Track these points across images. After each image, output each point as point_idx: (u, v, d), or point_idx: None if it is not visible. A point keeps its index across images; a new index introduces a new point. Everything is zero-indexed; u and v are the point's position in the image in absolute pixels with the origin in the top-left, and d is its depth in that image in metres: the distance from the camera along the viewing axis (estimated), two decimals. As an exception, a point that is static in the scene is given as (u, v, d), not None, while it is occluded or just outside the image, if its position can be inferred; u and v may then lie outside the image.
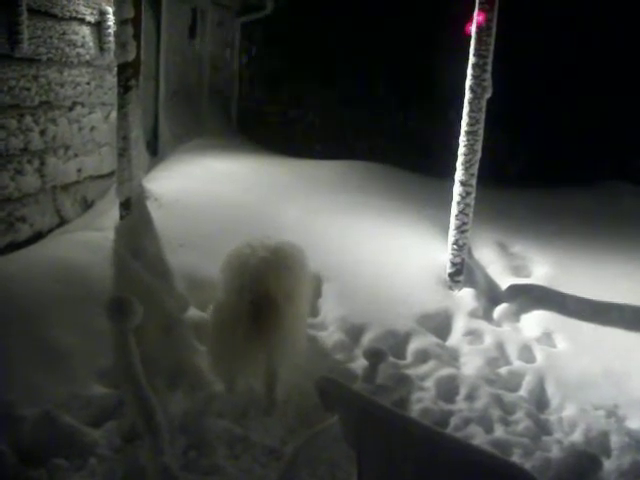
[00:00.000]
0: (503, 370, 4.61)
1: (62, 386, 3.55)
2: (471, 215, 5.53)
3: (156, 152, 7.86)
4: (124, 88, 5.00)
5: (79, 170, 5.76)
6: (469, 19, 5.25)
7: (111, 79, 6.05)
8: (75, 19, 5.49)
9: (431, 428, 2.45)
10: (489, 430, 3.91)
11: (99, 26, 5.87)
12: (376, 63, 11.20)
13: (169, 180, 6.61)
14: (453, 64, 6.47)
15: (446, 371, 4.43)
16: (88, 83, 5.82)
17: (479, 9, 5.17)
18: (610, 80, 10.24)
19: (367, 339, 4.70)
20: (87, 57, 5.75)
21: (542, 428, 4.03)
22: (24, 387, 3.44)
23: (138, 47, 5.03)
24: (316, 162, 8.35)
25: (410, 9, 10.45)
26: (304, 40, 11.27)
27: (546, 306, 5.48)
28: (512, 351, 4.88)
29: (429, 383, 4.30)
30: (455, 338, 4.98)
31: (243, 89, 11.32)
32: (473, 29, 5.22)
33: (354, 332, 4.75)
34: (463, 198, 5.47)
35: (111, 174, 6.15)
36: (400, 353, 4.67)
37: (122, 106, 5.02)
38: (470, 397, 4.22)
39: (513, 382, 4.50)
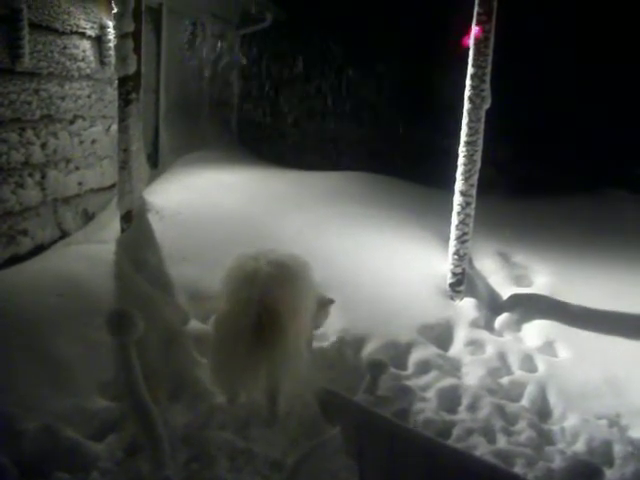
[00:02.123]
0: (505, 380, 4.60)
1: (63, 399, 3.55)
2: (471, 225, 5.53)
3: (157, 164, 7.89)
4: (125, 101, 5.03)
5: (80, 183, 5.77)
6: (467, 31, 5.28)
7: (112, 92, 6.08)
8: (76, 33, 5.52)
9: (433, 439, 2.45)
10: (492, 440, 3.89)
11: (99, 40, 5.90)
12: (376, 75, 11.25)
13: (170, 192, 6.63)
14: (452, 75, 6.50)
15: (448, 381, 4.42)
16: (89, 96, 5.85)
17: (477, 21, 5.19)
18: (610, 88, 10.27)
19: (368, 350, 4.70)
20: (88, 71, 5.78)
21: (545, 438, 4.01)
22: (25, 400, 3.44)
23: (138, 60, 5.07)
24: (316, 173, 8.37)
25: (409, 20, 10.50)
26: (303, 52, 11.34)
27: (547, 315, 5.48)
28: (514, 361, 4.87)
29: (431, 394, 4.29)
30: (457, 348, 4.98)
31: (243, 101, 11.36)
32: (471, 41, 5.24)
33: (355, 343, 4.75)
34: (463, 208, 5.47)
35: (112, 187, 6.16)
36: (401, 364, 4.66)
37: (123, 119, 5.05)
38: (472, 407, 4.20)
39: (515, 392, 4.49)
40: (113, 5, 5.01)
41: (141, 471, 3.22)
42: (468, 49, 5.30)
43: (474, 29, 5.21)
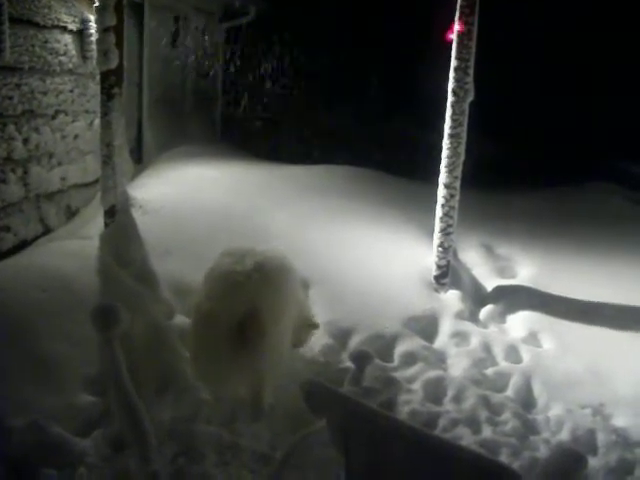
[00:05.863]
0: (490, 371, 4.64)
1: (49, 395, 3.54)
2: (456, 217, 5.56)
3: (140, 159, 7.85)
4: (107, 96, 4.99)
5: (63, 178, 5.74)
6: (450, 26, 5.28)
7: (94, 87, 6.04)
8: (57, 27, 5.48)
9: (418, 429, 2.46)
10: (477, 431, 3.93)
11: (81, 34, 5.86)
12: (360, 69, 11.26)
13: (154, 187, 6.61)
14: (436, 68, 6.51)
15: (433, 373, 4.45)
16: (71, 91, 5.81)
17: (460, 14, 5.19)
18: (597, 83, 10.34)
19: (354, 342, 4.71)
20: (70, 65, 5.73)
21: (529, 428, 4.06)
22: (11, 397, 3.42)
23: (121, 55, 5.03)
24: (301, 167, 8.36)
25: (393, 16, 10.52)
26: (288, 46, 11.32)
27: (531, 306, 5.52)
28: (498, 352, 4.91)
29: (416, 385, 4.32)
30: (442, 340, 5.00)
31: (227, 95, 11.32)
32: (454, 34, 5.24)
33: (341, 336, 4.76)
34: (447, 201, 5.49)
35: (95, 182, 6.13)
36: (387, 356, 4.68)
37: (105, 114, 5.01)
38: (457, 398, 4.23)
39: (500, 383, 4.53)
40: (94, -2, 4.98)
41: (128, 466, 3.22)
42: (451, 42, 5.30)
43: (457, 22, 5.22)
